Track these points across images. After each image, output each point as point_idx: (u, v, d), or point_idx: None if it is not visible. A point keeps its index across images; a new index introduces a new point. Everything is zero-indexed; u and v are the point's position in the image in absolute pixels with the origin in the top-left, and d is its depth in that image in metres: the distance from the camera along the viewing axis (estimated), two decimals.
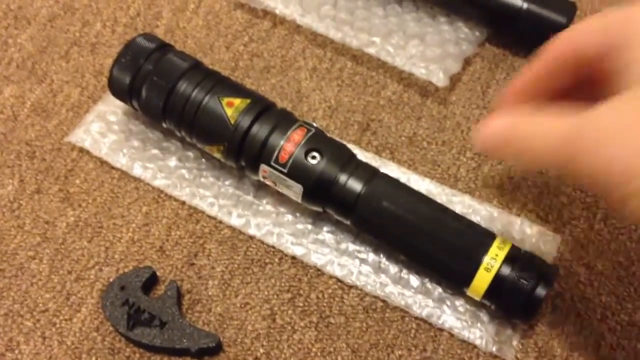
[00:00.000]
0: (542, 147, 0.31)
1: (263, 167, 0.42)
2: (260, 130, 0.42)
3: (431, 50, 0.50)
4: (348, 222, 0.42)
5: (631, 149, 0.27)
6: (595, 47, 0.33)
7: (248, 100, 0.43)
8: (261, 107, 0.43)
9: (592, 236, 0.44)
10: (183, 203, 0.46)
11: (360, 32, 0.51)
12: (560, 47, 0.35)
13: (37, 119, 0.50)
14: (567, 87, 0.36)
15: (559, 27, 0.49)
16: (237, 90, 0.44)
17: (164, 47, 0.46)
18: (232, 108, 0.42)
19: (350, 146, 0.48)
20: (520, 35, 0.51)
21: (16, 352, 0.42)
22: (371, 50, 0.51)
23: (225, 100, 0.42)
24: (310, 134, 0.42)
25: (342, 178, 0.41)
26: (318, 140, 0.42)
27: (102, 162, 0.48)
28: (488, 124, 0.35)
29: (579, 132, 0.29)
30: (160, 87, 0.43)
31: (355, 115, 0.50)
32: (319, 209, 0.43)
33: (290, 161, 0.41)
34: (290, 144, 0.41)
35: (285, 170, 0.41)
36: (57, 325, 0.42)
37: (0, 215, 0.46)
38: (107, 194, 0.47)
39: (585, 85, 0.35)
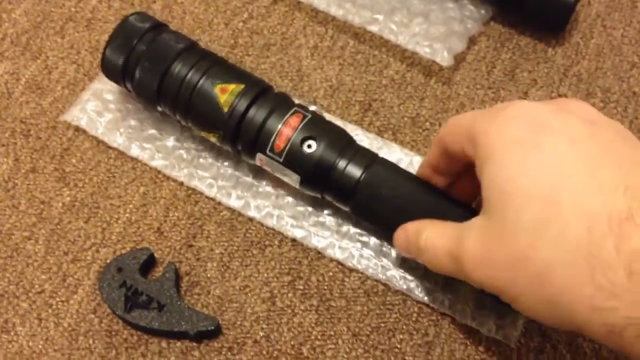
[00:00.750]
0: (435, 260, 0.35)
1: (259, 155, 0.41)
2: (254, 117, 0.41)
3: (435, 29, 0.49)
4: (347, 209, 0.41)
5: (492, 273, 0.31)
6: (459, 150, 0.35)
7: (242, 85, 0.41)
8: (256, 92, 0.41)
9: None
10: (181, 184, 0.45)
11: (363, 9, 0.50)
12: (438, 144, 0.37)
13: (31, 96, 0.49)
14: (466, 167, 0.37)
15: (565, 6, 0.48)
16: (231, 73, 0.42)
17: (157, 27, 0.44)
18: (225, 94, 0.41)
19: (352, 127, 0.47)
20: (526, 14, 0.50)
21: (12, 333, 0.41)
22: (374, 28, 0.50)
23: (219, 86, 0.41)
24: (306, 120, 0.40)
25: (341, 164, 0.40)
26: (314, 127, 0.40)
27: (99, 141, 0.47)
28: (402, 230, 0.38)
29: (456, 254, 0.33)
30: (154, 68, 0.42)
31: (357, 95, 0.49)
32: (318, 195, 0.42)
33: (286, 150, 0.40)
34: (285, 132, 0.40)
35: (280, 160, 0.40)
36: (54, 307, 0.42)
37: None
38: (103, 173, 0.46)
39: None
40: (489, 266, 0.31)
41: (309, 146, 0.40)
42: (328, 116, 0.47)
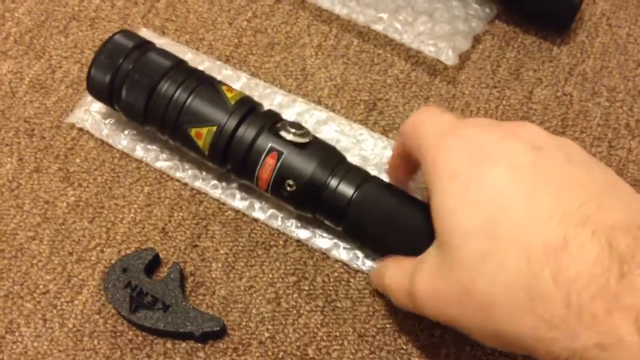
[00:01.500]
0: (397, 299, 0.36)
1: (250, 183, 0.42)
2: (234, 161, 0.41)
3: (440, 27, 0.49)
4: (339, 229, 0.41)
5: (441, 308, 0.32)
6: (415, 157, 0.35)
7: (214, 127, 0.40)
8: (230, 131, 0.40)
9: None
10: (186, 184, 0.45)
11: (367, 8, 0.50)
12: (396, 146, 0.38)
13: (35, 95, 0.49)
14: None
15: (570, 4, 0.48)
16: (204, 112, 0.41)
17: (143, 45, 0.43)
18: (201, 139, 0.41)
19: (357, 126, 0.47)
20: (531, 12, 0.50)
21: (16, 334, 0.41)
22: (378, 27, 0.50)
23: (194, 130, 0.41)
24: (281, 160, 0.39)
25: (332, 184, 0.39)
26: (290, 166, 0.39)
27: (103, 141, 0.47)
28: (372, 271, 0.40)
29: (410, 291, 0.34)
30: (141, 87, 0.41)
31: (362, 95, 0.48)
32: (309, 215, 0.42)
33: (270, 188, 0.40)
34: (263, 176, 0.40)
35: (268, 195, 0.41)
36: (58, 308, 0.42)
37: None
38: (108, 173, 0.46)
39: None
40: (438, 301, 0.32)
41: (289, 185, 0.39)
42: (330, 114, 0.47)
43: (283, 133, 0.40)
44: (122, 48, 0.42)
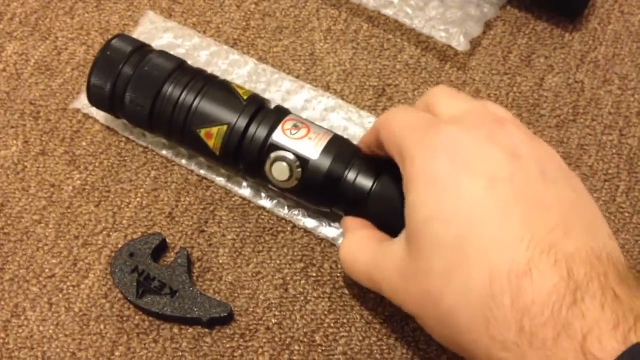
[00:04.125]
0: (357, 274, 0.37)
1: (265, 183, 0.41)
2: (247, 156, 0.40)
3: (451, 13, 0.48)
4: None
5: (407, 304, 0.32)
6: (391, 154, 0.35)
7: (225, 126, 0.40)
8: (242, 129, 0.40)
9: (614, 209, 0.43)
10: (192, 170, 0.45)
11: None
12: (375, 132, 0.37)
13: (41, 77, 0.48)
14: None
15: None
16: (214, 111, 0.40)
17: (142, 48, 0.43)
18: (212, 139, 0.40)
19: (365, 113, 0.46)
20: None
21: (22, 318, 0.41)
22: (388, 12, 0.49)
23: (203, 131, 0.40)
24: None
25: (349, 177, 0.39)
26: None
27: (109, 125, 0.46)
28: (343, 221, 0.40)
29: (374, 278, 0.35)
30: (145, 92, 0.41)
31: (371, 80, 0.48)
32: (326, 210, 0.41)
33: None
34: None
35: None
36: (64, 292, 0.41)
37: (5, 177, 0.45)
38: (114, 157, 0.45)
39: None
40: (404, 297, 0.33)
41: None
42: (337, 101, 0.46)
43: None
44: (120, 53, 0.41)
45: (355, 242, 0.37)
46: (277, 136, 0.39)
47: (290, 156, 0.39)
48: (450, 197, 0.30)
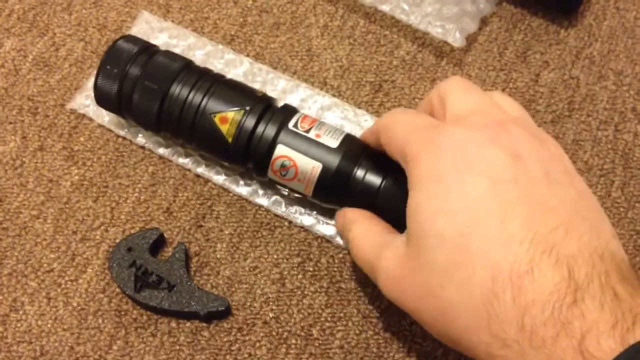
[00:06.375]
0: (357, 260, 0.37)
1: (270, 173, 0.41)
2: (260, 143, 0.40)
3: (448, 9, 0.49)
4: None
5: (402, 297, 0.33)
6: (393, 156, 0.35)
7: (242, 111, 0.40)
8: (258, 114, 0.40)
9: (609, 204, 0.44)
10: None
11: None
12: (374, 134, 0.38)
13: (39, 73, 0.48)
14: None
15: None
16: (229, 97, 0.41)
17: (148, 48, 0.43)
18: (226, 124, 0.40)
19: (361, 111, 0.46)
20: None
21: (20, 312, 0.41)
22: (385, 8, 0.49)
23: (218, 116, 0.40)
24: None
25: (359, 174, 0.39)
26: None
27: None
28: (342, 213, 0.40)
29: (374, 266, 0.35)
30: (153, 92, 0.41)
31: (368, 76, 0.48)
32: (335, 207, 0.41)
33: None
34: None
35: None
36: (63, 286, 0.42)
37: (3, 172, 0.45)
38: (112, 152, 0.46)
39: None
40: (401, 290, 0.33)
41: None
42: (333, 100, 0.47)
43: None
44: (127, 53, 0.41)
45: (363, 229, 0.37)
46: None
47: None
48: (454, 194, 0.30)
